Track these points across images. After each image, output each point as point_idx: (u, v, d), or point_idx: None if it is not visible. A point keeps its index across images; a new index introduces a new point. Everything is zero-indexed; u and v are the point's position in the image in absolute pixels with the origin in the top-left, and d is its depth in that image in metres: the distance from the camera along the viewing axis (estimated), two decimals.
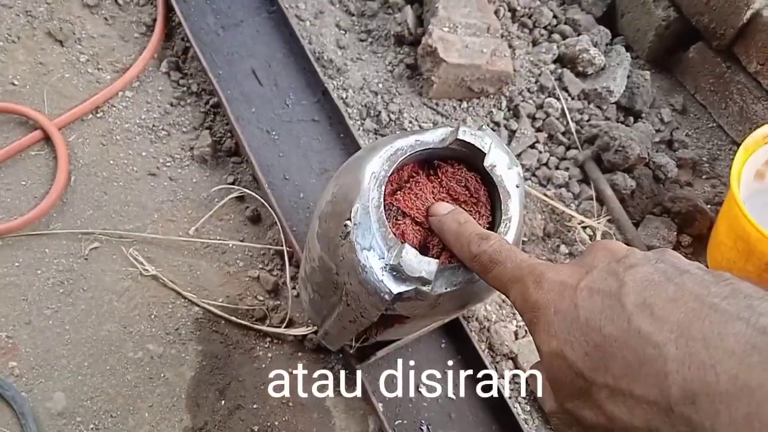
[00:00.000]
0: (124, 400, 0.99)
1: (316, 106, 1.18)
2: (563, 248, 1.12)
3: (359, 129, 1.19)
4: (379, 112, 1.19)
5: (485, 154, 0.62)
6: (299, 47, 1.21)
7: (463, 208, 0.64)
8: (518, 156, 1.18)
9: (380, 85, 1.23)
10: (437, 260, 0.57)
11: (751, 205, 0.99)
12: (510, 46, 1.25)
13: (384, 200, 0.61)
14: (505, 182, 0.63)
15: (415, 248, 0.58)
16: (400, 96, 1.22)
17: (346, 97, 1.21)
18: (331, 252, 0.65)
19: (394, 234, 0.60)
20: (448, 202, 0.64)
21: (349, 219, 0.60)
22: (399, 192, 0.64)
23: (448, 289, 0.59)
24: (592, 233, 1.12)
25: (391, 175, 0.62)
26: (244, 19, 1.25)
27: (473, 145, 0.62)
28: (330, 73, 1.23)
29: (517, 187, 0.64)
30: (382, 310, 0.61)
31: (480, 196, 0.64)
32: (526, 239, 1.12)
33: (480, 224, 0.63)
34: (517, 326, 1.06)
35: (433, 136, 0.63)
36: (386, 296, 0.58)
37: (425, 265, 0.57)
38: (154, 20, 1.29)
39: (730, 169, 1.02)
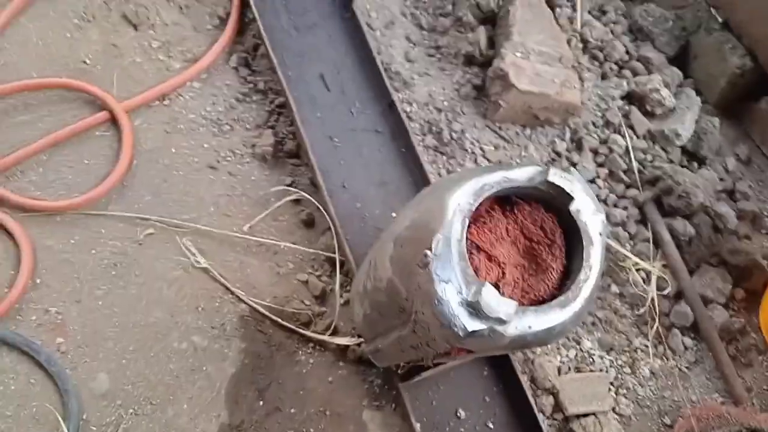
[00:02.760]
0: (165, 389, 1.00)
1: (381, 117, 1.18)
2: (614, 288, 1.11)
3: (419, 144, 1.18)
4: (441, 129, 1.19)
5: (572, 198, 0.62)
6: (369, 56, 1.21)
7: (537, 249, 0.64)
8: None
9: (445, 103, 1.23)
10: (516, 302, 0.57)
11: None
12: (579, 78, 1.24)
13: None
14: (589, 228, 0.63)
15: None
16: (464, 116, 1.22)
17: (410, 111, 1.21)
18: (405, 278, 0.65)
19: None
20: (521, 240, 0.64)
21: (430, 248, 0.60)
22: (473, 225, 0.64)
23: (522, 332, 0.59)
24: (645, 276, 1.11)
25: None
26: (317, 23, 1.26)
27: (561, 187, 0.62)
28: (396, 85, 1.23)
29: (600, 234, 0.63)
30: (453, 344, 0.61)
31: (555, 238, 0.64)
32: None
33: (554, 267, 0.63)
34: (560, 362, 1.06)
35: (521, 174, 0.63)
36: (460, 332, 0.58)
37: (504, 306, 0.57)
38: (228, 14, 1.30)
39: None
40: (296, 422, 1.00)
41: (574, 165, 1.19)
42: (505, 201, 0.67)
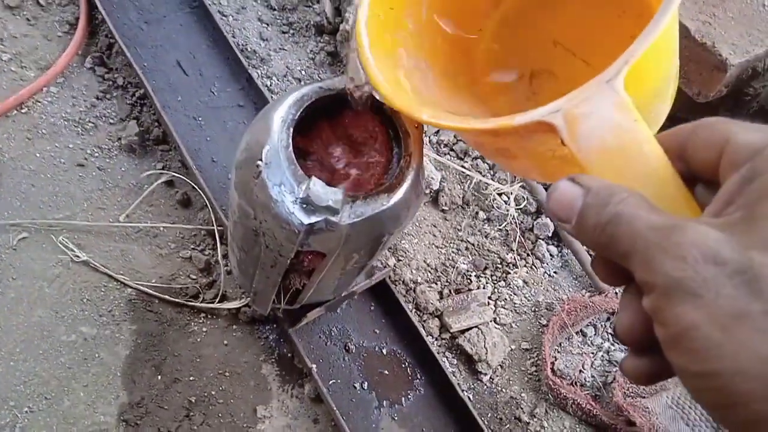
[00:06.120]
0: (59, 382, 1.00)
1: (241, 92, 1.22)
2: (481, 214, 1.19)
3: None
4: None
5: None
6: (223, 39, 1.25)
7: (365, 148, 0.70)
8: (436, 132, 1.26)
9: (303, 72, 1.28)
10: (342, 189, 0.63)
11: None
12: None
13: (293, 145, 0.66)
14: (406, 123, 0.69)
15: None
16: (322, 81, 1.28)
17: (271, 85, 1.26)
18: (247, 196, 0.69)
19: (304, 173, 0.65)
20: (349, 143, 0.70)
21: (261, 159, 0.65)
22: (304, 137, 0.69)
23: (356, 219, 0.65)
24: (507, 198, 1.20)
25: (299, 121, 0.68)
26: (166, 14, 1.29)
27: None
28: (254, 63, 1.28)
29: (416, 127, 0.70)
30: (297, 245, 0.66)
31: (378, 135, 0.70)
32: (446, 208, 1.19)
33: (379, 160, 0.70)
34: (441, 287, 1.12)
35: (335, 83, 0.69)
36: (298, 227, 0.63)
37: (332, 195, 0.62)
38: (77, 18, 1.31)
39: None
40: (196, 388, 1.01)
41: None
42: (331, 113, 0.72)
